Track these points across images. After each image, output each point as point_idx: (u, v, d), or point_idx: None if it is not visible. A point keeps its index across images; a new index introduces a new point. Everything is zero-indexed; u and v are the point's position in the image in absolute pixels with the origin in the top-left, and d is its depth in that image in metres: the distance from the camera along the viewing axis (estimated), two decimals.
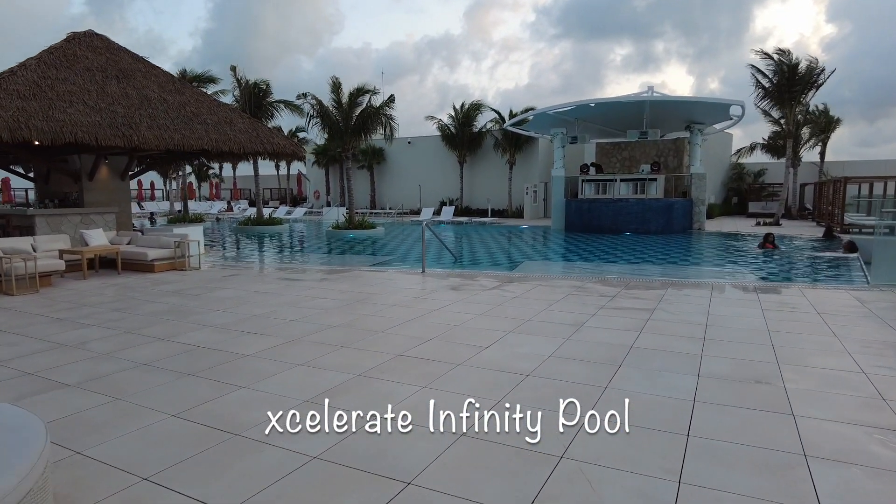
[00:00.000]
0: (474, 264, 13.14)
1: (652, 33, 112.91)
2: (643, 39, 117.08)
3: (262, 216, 24.54)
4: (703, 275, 11.27)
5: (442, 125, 34.27)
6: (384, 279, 9.98)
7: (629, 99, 21.23)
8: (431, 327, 6.33)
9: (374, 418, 3.75)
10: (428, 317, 6.87)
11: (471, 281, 9.71)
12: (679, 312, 7.03)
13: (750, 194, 35.90)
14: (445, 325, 6.40)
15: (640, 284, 9.20)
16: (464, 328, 6.29)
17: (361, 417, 3.79)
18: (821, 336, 5.85)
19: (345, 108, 20.40)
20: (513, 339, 5.80)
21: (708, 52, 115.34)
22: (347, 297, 8.26)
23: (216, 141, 14.83)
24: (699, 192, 22.75)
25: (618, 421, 3.62)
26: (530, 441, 3.42)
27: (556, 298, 7.98)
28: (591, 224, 21.95)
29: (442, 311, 7.22)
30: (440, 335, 5.98)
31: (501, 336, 5.92)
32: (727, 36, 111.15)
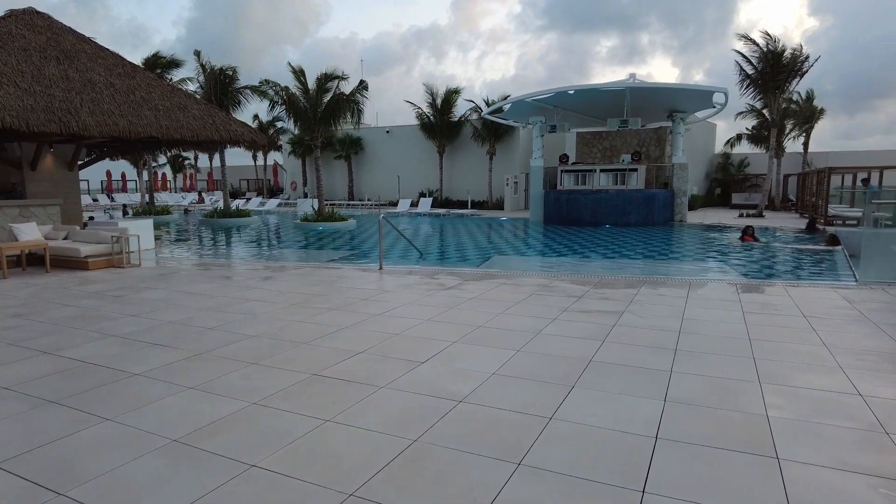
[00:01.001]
0: (442, 260, 12.33)
1: (637, 25, 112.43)
2: (629, 31, 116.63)
3: (229, 208, 23.50)
4: (680, 271, 10.56)
5: (420, 113, 33.29)
6: (335, 278, 9.14)
7: (609, 86, 20.46)
8: (367, 337, 5.51)
9: (245, 472, 2.93)
10: (368, 323, 6.05)
11: (429, 279, 8.90)
12: (650, 316, 6.27)
13: (734, 185, 35.42)
14: (384, 334, 5.58)
15: (611, 282, 8.45)
16: (404, 337, 5.48)
17: (234, 465, 2.96)
18: (808, 346, 5.12)
19: (312, 94, 19.40)
20: (456, 352, 5.00)
21: (693, 45, 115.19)
22: (286, 298, 7.40)
23: (167, 128, 13.83)
24: (681, 183, 22.10)
25: (548, 477, 2.83)
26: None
27: (518, 299, 7.19)
28: (570, 216, 21.22)
29: (386, 315, 6.40)
30: (374, 347, 5.16)
31: (444, 347, 5.12)
32: (712, 28, 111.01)
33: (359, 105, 19.56)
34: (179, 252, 13.53)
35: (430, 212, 27.97)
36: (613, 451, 3.14)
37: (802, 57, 23.43)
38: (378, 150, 37.71)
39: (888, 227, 19.01)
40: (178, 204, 35.45)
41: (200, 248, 14.85)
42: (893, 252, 10.39)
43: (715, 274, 9.98)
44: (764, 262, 11.95)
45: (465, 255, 12.96)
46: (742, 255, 12.71)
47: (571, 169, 22.54)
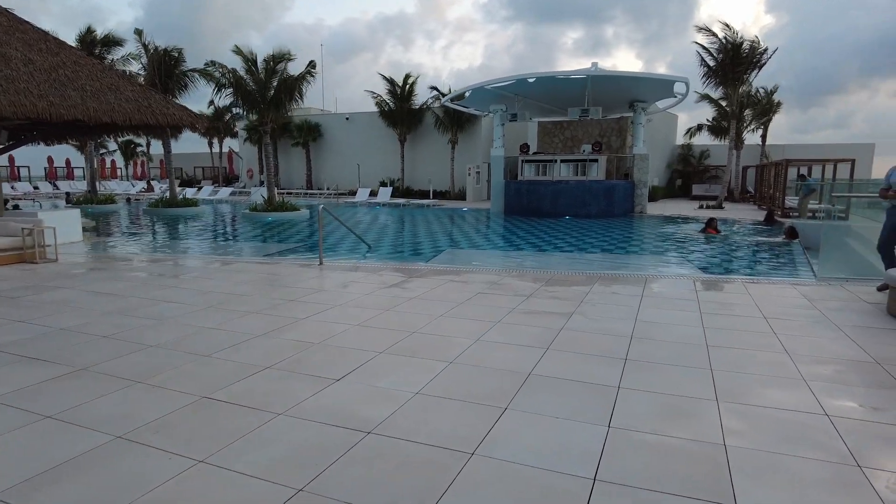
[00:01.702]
0: (392, 253, 11.67)
1: (602, 18, 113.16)
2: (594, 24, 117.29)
3: (175, 197, 22.28)
4: (637, 266, 10.16)
5: (380, 101, 32.35)
6: (267, 275, 8.39)
7: (570, 74, 20.00)
8: (281, 347, 4.84)
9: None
10: (287, 329, 5.37)
11: (371, 276, 8.23)
12: (601, 318, 5.76)
13: (694, 176, 35.64)
14: (301, 344, 4.91)
15: (563, 279, 7.94)
16: (324, 348, 4.82)
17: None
18: (769, 353, 4.67)
19: (260, 77, 18.37)
20: (380, 365, 4.37)
21: (656, 38, 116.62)
22: (205, 300, 6.64)
23: (95, 111, 12.72)
24: (641, 174, 21.87)
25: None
26: None
27: (462, 299, 6.60)
28: (530, 207, 20.78)
29: (312, 320, 5.72)
30: (286, 359, 4.50)
31: (368, 360, 4.49)
32: (674, 23, 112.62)
33: (301, 82, 18.55)
34: (108, 246, 12.52)
35: (389, 202, 27.21)
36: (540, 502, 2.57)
37: (761, 49, 23.45)
38: (338, 138, 36.61)
39: (841, 219, 19.19)
40: (125, 192, 33.76)
41: (133, 242, 13.83)
42: (851, 248, 10.20)
43: (673, 269, 9.60)
44: (723, 255, 11.67)
45: (418, 249, 12.34)
46: (701, 248, 12.43)
47: (532, 159, 22.07)
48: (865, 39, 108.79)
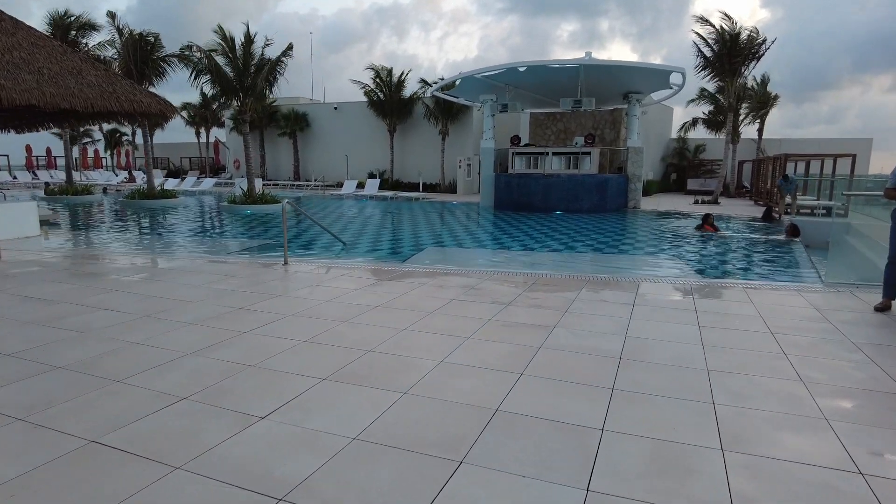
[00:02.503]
0: (370, 251, 10.94)
1: (597, 11, 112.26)
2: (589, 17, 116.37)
3: (152, 188, 21.42)
4: (630, 267, 9.48)
5: (369, 90, 31.48)
6: (223, 276, 7.64)
7: (562, 63, 19.25)
8: (208, 370, 4.12)
9: None
10: (223, 347, 4.65)
11: (337, 279, 7.52)
12: (587, 332, 5.07)
13: (689, 171, 34.99)
14: (233, 367, 4.20)
15: (548, 282, 7.24)
16: (258, 372, 4.11)
17: None
18: (781, 380, 3.99)
19: (239, 61, 17.51)
20: (319, 396, 3.66)
21: (650, 32, 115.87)
22: (143, 307, 5.91)
23: (52, 96, 11.88)
24: (636, 168, 21.20)
25: None
26: None
27: (433, 308, 5.89)
28: (521, 201, 20.06)
29: (254, 334, 5.00)
30: (208, 388, 3.78)
31: (305, 389, 3.78)
32: (668, 17, 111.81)
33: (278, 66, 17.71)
34: (66, 241, 11.73)
35: (377, 194, 26.44)
36: None
37: (759, 40, 22.76)
38: (326, 128, 35.73)
39: (840, 216, 18.58)
40: (106, 183, 32.81)
41: (94, 237, 13.02)
42: (854, 248, 9.56)
43: (667, 271, 8.92)
44: (721, 255, 11.01)
45: (398, 246, 11.62)
46: (698, 248, 11.77)
47: (523, 151, 21.34)
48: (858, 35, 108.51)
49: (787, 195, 18.11)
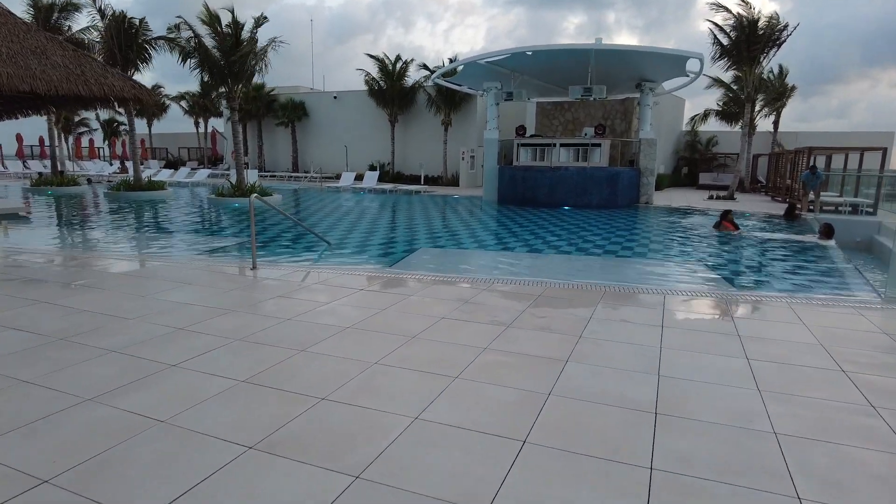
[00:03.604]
0: (357, 251, 9.85)
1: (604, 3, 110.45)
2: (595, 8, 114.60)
3: (139, 179, 20.36)
4: (650, 274, 8.36)
5: (369, 79, 30.28)
6: (176, 284, 6.56)
7: (572, 47, 18.02)
8: (100, 429, 3.04)
9: None
10: (134, 389, 3.57)
11: (312, 287, 6.44)
12: (609, 369, 3.98)
13: (701, 164, 33.67)
14: (136, 424, 3.12)
15: (557, 294, 6.13)
16: (165, 432, 3.03)
17: None
18: (881, 452, 2.88)
19: (228, 41, 16.34)
20: (233, 481, 2.58)
21: (656, 24, 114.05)
22: (62, 326, 4.84)
23: (9, 76, 10.85)
24: (648, 161, 19.99)
25: None
26: None
27: (417, 330, 4.80)
28: (526, 195, 18.90)
29: (180, 369, 3.93)
30: (84, 463, 2.71)
31: (220, 466, 2.70)
32: (675, 9, 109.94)
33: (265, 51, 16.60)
34: (22, 238, 10.68)
35: (375, 187, 25.30)
36: None
37: (780, 26, 21.43)
38: (325, 118, 34.57)
39: (868, 214, 17.37)
40: (98, 173, 31.79)
41: (55, 233, 11.96)
42: None
43: (694, 280, 7.79)
44: (749, 259, 9.87)
45: (390, 245, 10.52)
46: (722, 249, 10.63)
47: (529, 142, 20.16)
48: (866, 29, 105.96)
49: (811, 191, 16.91)
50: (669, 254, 10.18)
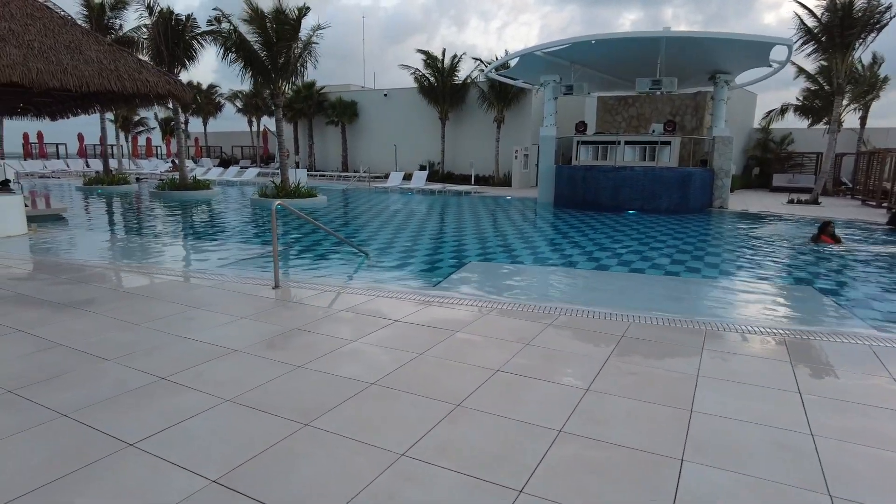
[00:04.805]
0: (399, 264, 8.71)
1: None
2: (651, 4, 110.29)
3: (184, 178, 20.00)
4: (751, 303, 6.86)
5: (419, 75, 29.27)
6: (184, 307, 5.56)
7: (639, 35, 16.37)
8: None
9: None
10: (70, 486, 2.50)
11: (338, 315, 5.32)
12: (743, 477, 2.64)
13: (774, 164, 31.00)
14: None
15: (645, 334, 4.78)
16: None
17: None
18: None
19: (271, 34, 15.55)
20: None
21: (716, 19, 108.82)
22: (18, 369, 3.87)
23: (40, 73, 10.26)
24: (723, 161, 18.09)
25: None
26: None
27: (464, 391, 3.58)
28: (586, 198, 17.36)
29: (135, 454, 2.84)
30: None
31: None
32: (735, 3, 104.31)
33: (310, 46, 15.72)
34: (49, 243, 10.08)
35: (424, 187, 24.24)
36: None
37: (881, 6, 19.00)
38: (375, 116, 33.83)
39: None
40: (152, 171, 32.10)
41: (84, 238, 11.35)
42: None
43: (815, 310, 6.24)
44: (871, 281, 8.13)
45: (435, 256, 9.34)
46: (829, 268, 8.93)
47: (590, 140, 18.59)
48: None
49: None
50: (766, 273, 8.58)
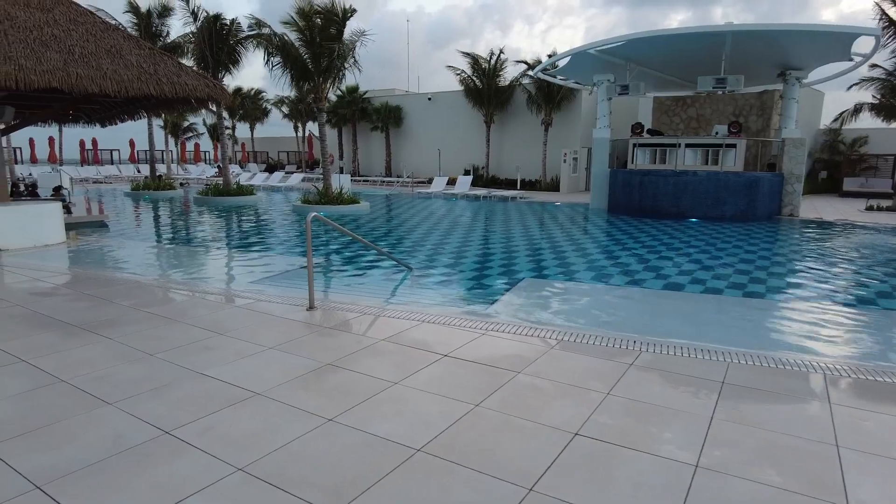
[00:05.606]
0: (445, 279, 7.97)
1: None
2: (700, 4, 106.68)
3: (228, 183, 19.85)
4: (868, 336, 5.80)
5: (464, 77, 28.55)
6: (206, 332, 4.95)
7: (702, 29, 15.18)
8: None
9: None
10: None
11: (377, 347, 4.59)
12: None
13: (844, 167, 28.87)
14: None
15: (751, 379, 3.86)
16: None
17: None
18: None
19: (315, 33, 15.09)
20: None
21: (768, 20, 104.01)
22: (4, 415, 3.30)
23: (80, 77, 10.03)
24: (794, 165, 16.66)
25: None
26: None
27: (537, 467, 2.79)
28: (644, 204, 16.25)
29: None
30: None
31: None
32: (789, 1, 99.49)
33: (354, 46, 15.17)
34: (84, 253, 9.77)
35: (468, 193, 23.49)
36: None
37: None
38: (419, 121, 33.31)
39: None
40: (198, 177, 32.46)
41: (120, 247, 11.03)
42: None
43: None
44: None
45: (484, 271, 8.55)
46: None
47: (647, 142, 17.46)
48: None
49: None
50: (869, 295, 7.43)
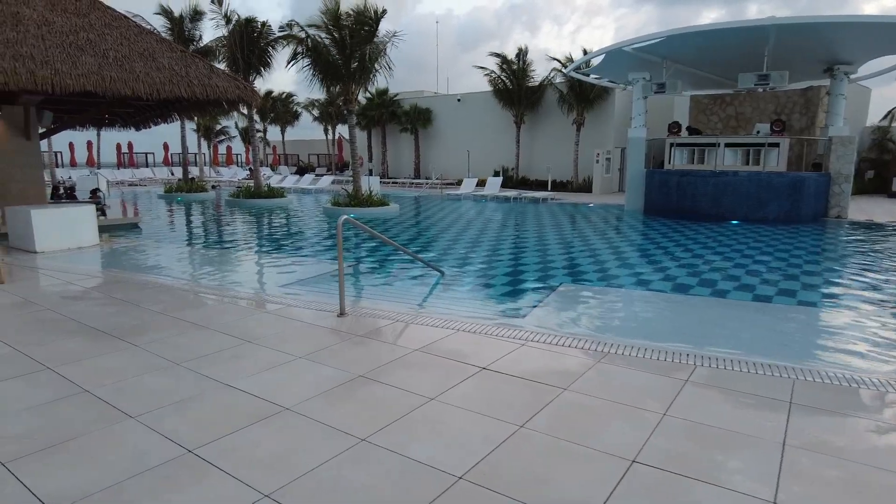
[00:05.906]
0: (477, 286, 7.70)
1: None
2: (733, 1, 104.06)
3: (259, 185, 19.95)
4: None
5: (494, 77, 28.24)
6: (234, 340, 4.78)
7: (744, 24, 14.58)
8: None
9: None
10: None
11: (408, 358, 4.35)
12: None
13: (893, 167, 27.62)
14: None
15: (821, 400, 3.50)
16: None
17: None
18: None
19: (346, 35, 14.98)
20: None
21: (808, 14, 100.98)
22: (23, 429, 3.15)
23: (113, 80, 10.10)
24: (842, 164, 15.89)
25: None
26: None
27: (597, 492, 2.50)
28: (682, 205, 15.70)
29: None
30: None
31: None
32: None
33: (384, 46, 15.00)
34: (117, 255, 9.79)
35: (498, 194, 23.16)
36: None
37: None
38: (448, 122, 33.11)
39: None
40: (230, 179, 32.86)
41: (152, 249, 11.05)
42: None
43: None
44: None
45: (518, 275, 8.25)
46: None
47: (685, 142, 16.90)
48: None
49: None
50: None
